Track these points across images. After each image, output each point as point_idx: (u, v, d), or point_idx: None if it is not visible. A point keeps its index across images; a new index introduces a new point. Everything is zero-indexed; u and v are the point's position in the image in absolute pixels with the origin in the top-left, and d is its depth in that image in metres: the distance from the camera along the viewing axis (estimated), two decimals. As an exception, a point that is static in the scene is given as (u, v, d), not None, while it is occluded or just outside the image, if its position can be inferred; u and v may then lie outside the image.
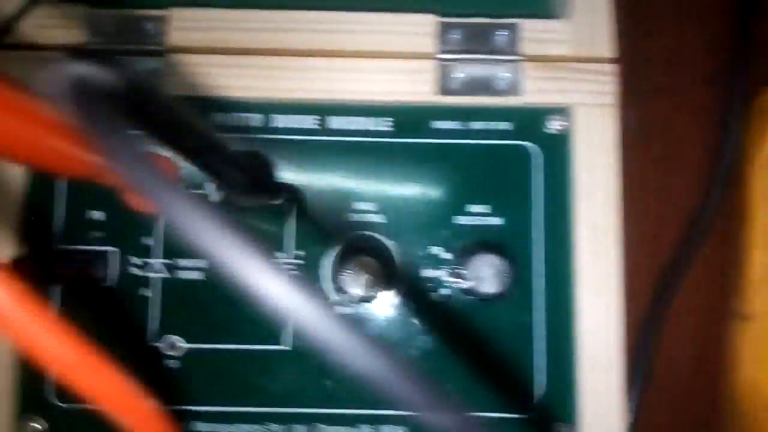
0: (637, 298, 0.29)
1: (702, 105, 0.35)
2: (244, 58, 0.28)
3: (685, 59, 0.35)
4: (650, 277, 0.34)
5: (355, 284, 0.24)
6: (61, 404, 0.27)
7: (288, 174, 0.28)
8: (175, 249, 0.28)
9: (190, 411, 0.27)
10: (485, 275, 0.25)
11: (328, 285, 0.28)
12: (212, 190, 0.28)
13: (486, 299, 0.25)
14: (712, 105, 0.35)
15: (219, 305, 0.28)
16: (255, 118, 0.28)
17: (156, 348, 0.28)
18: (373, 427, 0.27)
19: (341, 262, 0.25)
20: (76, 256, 0.27)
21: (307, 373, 0.28)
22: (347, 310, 0.28)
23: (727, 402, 0.33)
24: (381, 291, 0.26)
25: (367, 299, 0.25)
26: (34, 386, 0.27)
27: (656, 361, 0.34)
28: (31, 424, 0.27)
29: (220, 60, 0.28)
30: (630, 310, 0.27)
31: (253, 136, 0.28)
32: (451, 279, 0.27)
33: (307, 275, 0.28)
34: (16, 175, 0.28)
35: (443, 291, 0.28)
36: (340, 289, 0.26)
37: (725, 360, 0.33)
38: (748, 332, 0.31)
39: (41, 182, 0.28)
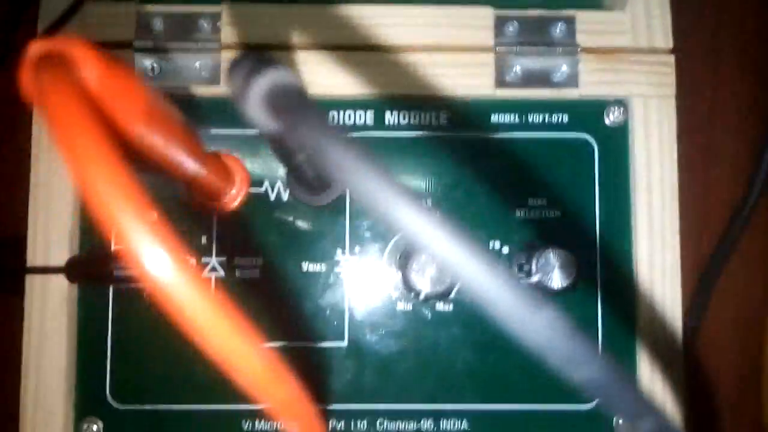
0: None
1: (745, 97, 0.35)
2: (299, 53, 0.28)
3: (728, 51, 0.35)
4: (693, 269, 0.34)
5: (422, 280, 0.24)
6: (116, 405, 0.27)
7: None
8: (229, 248, 0.28)
9: (252, 410, 0.27)
10: (552, 270, 0.25)
11: (388, 282, 0.28)
12: (271, 187, 0.28)
13: (554, 293, 0.25)
14: (756, 97, 0.35)
15: (274, 303, 0.28)
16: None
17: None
18: (434, 420, 0.27)
19: (405, 259, 0.25)
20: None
21: (366, 369, 0.27)
22: (411, 306, 0.28)
23: (765, 389, 0.33)
24: (445, 287, 0.26)
25: (433, 295, 0.25)
26: (91, 387, 0.27)
27: (699, 350, 0.34)
28: (88, 424, 0.27)
29: (275, 56, 0.27)
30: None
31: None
32: (516, 272, 0.27)
33: (367, 274, 0.28)
34: (68, 178, 0.27)
35: (504, 285, 0.28)
36: (404, 286, 0.26)
37: (765, 348, 0.34)
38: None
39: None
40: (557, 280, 0.25)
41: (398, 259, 0.26)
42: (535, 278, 0.25)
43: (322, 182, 0.23)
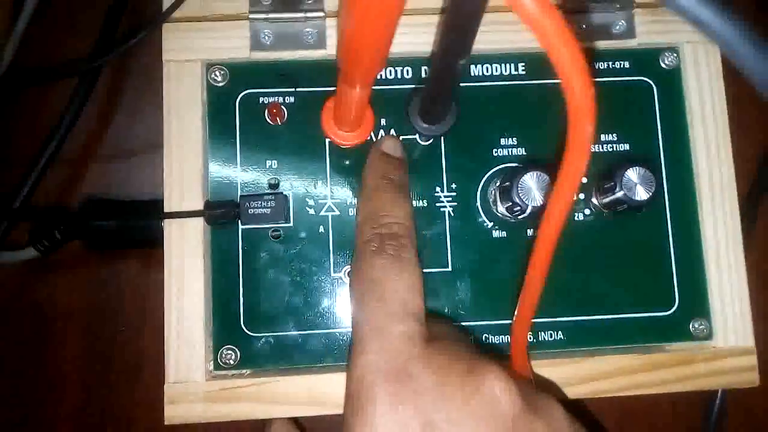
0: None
1: None
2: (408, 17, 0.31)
3: None
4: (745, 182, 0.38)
5: (528, 197, 0.28)
6: (251, 333, 0.30)
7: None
8: (342, 190, 0.31)
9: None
10: (635, 185, 0.29)
11: (483, 213, 0.31)
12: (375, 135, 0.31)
13: (636, 208, 0.29)
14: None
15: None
16: (406, 71, 0.32)
17: (339, 278, 0.31)
18: (533, 333, 0.31)
19: (509, 183, 0.29)
20: (261, 199, 0.30)
21: (470, 290, 0.31)
22: (505, 233, 0.31)
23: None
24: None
25: (529, 216, 0.29)
26: (227, 319, 0.30)
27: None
28: (227, 352, 0.30)
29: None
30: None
31: (406, 86, 0.32)
32: (599, 196, 0.30)
33: (464, 206, 0.31)
34: (198, 130, 0.31)
35: (586, 211, 0.31)
36: (507, 209, 0.30)
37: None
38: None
39: (220, 135, 0.31)
40: (641, 192, 0.28)
41: (497, 186, 0.30)
42: (620, 193, 0.29)
43: (447, 106, 0.26)
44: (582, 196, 0.32)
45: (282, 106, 0.31)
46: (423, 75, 0.32)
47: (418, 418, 0.22)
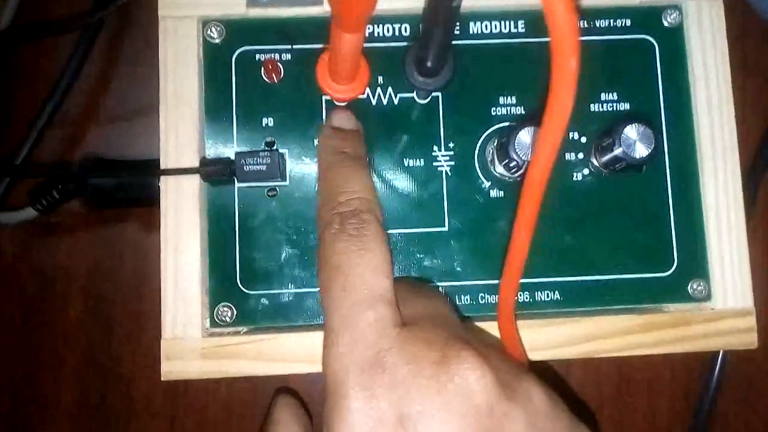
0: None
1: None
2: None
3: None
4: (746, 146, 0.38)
5: (525, 152, 0.27)
6: (246, 290, 0.30)
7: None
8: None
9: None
10: (634, 142, 0.28)
11: (481, 172, 0.31)
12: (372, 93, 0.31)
13: (635, 166, 0.29)
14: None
15: (381, 197, 0.31)
16: (404, 27, 0.32)
17: (333, 234, 0.30)
18: (530, 293, 0.31)
19: (502, 144, 0.29)
20: (258, 156, 0.30)
21: (466, 250, 0.31)
22: (502, 193, 0.31)
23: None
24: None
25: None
26: (223, 276, 0.30)
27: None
28: (223, 309, 0.30)
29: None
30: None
31: (402, 44, 0.31)
32: (598, 155, 0.30)
33: (462, 165, 0.31)
34: (194, 87, 0.31)
35: (585, 170, 0.31)
36: (494, 177, 0.29)
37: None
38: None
39: (216, 93, 0.31)
40: (640, 149, 0.28)
41: (495, 145, 0.30)
42: (618, 151, 0.28)
43: (442, 57, 0.26)
44: (581, 155, 0.31)
45: (278, 63, 0.31)
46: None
47: (393, 410, 0.21)
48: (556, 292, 0.31)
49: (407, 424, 0.21)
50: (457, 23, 0.32)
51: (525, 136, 0.28)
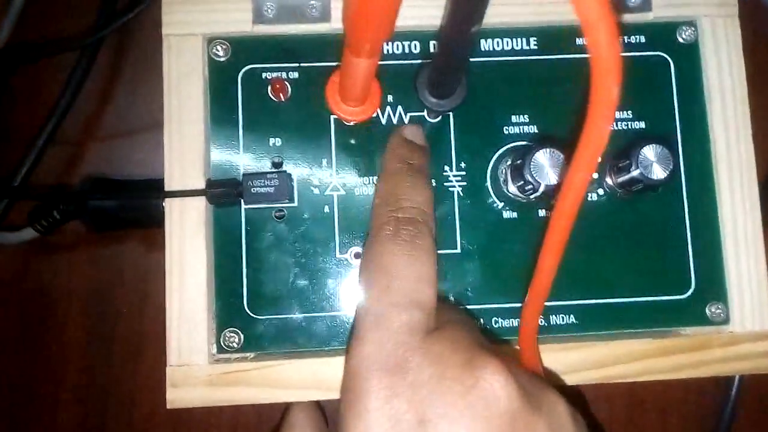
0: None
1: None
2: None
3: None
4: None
5: (541, 174, 0.27)
6: (254, 316, 0.29)
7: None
8: (348, 169, 0.30)
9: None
10: (651, 163, 0.27)
11: (493, 193, 0.30)
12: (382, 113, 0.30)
13: (652, 187, 0.28)
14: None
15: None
16: (414, 45, 0.31)
17: (344, 260, 0.30)
18: (544, 317, 0.30)
19: (521, 161, 0.28)
20: (264, 177, 0.29)
21: (479, 273, 0.30)
22: (515, 214, 0.30)
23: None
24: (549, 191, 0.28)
25: (541, 195, 0.28)
26: (229, 301, 0.29)
27: None
28: (230, 334, 0.29)
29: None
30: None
31: (413, 62, 0.31)
32: (614, 175, 0.29)
33: (474, 185, 0.30)
34: (199, 107, 0.30)
35: (599, 191, 0.30)
36: (519, 188, 0.29)
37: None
38: None
39: (221, 112, 0.30)
40: (658, 171, 0.27)
41: (509, 165, 0.29)
42: (635, 172, 0.28)
43: (457, 79, 0.25)
44: (595, 175, 0.31)
45: (286, 82, 0.30)
46: (432, 50, 0.31)
47: (412, 412, 0.21)
48: (572, 315, 0.30)
49: (428, 427, 0.21)
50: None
51: (541, 157, 0.27)
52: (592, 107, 0.15)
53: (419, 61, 0.30)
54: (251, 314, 0.29)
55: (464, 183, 0.30)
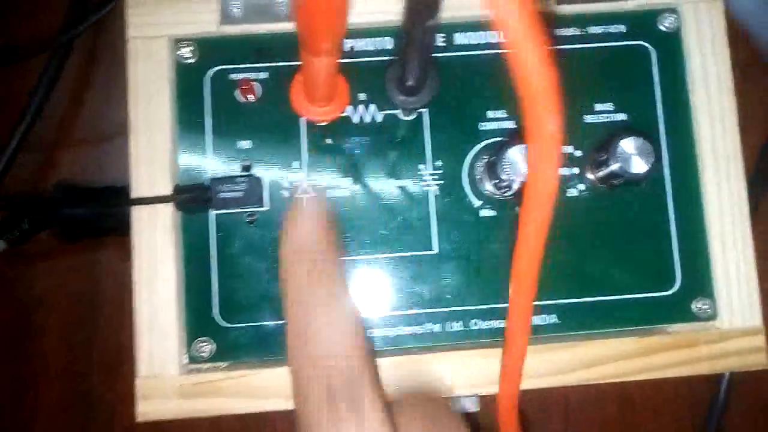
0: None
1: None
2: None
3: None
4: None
5: (514, 172, 0.26)
6: (226, 324, 0.28)
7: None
8: (320, 170, 0.29)
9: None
10: (630, 156, 0.26)
11: (470, 191, 0.29)
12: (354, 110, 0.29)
13: (633, 181, 0.27)
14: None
15: (365, 218, 0.29)
16: (386, 41, 0.30)
17: (316, 262, 0.29)
18: (526, 318, 0.29)
19: (495, 158, 0.27)
20: (233, 182, 0.28)
21: (457, 273, 0.29)
22: (494, 212, 0.29)
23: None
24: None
25: (517, 193, 0.27)
26: (200, 310, 0.28)
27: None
28: (201, 344, 0.28)
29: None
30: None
31: (384, 58, 0.30)
32: (594, 170, 0.28)
33: (450, 184, 0.29)
34: (165, 111, 0.29)
35: (581, 186, 0.29)
36: (494, 185, 0.28)
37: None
38: None
39: (189, 115, 0.29)
40: (638, 164, 0.26)
41: (484, 162, 0.28)
42: (614, 166, 0.27)
43: (423, 75, 0.24)
44: (576, 170, 0.30)
45: (254, 83, 0.29)
46: (403, 45, 0.30)
47: None
48: (554, 315, 0.29)
49: None
50: (443, 35, 0.30)
51: (515, 153, 0.26)
52: (530, 149, 0.13)
53: (390, 58, 0.29)
54: (223, 322, 0.29)
55: (441, 182, 0.29)
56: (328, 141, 0.29)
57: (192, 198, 0.28)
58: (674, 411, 0.36)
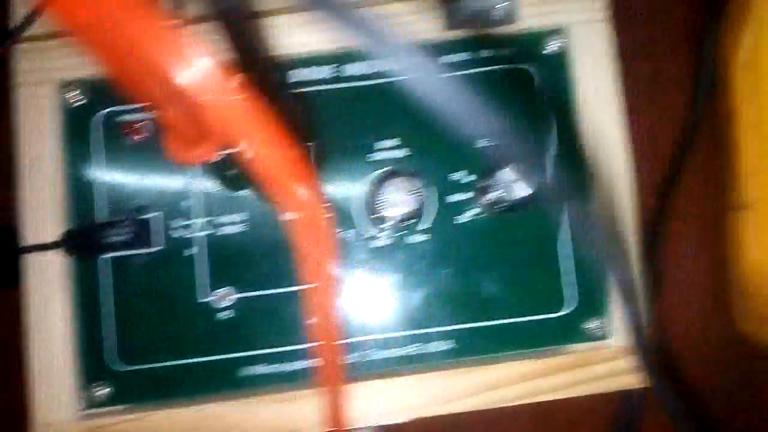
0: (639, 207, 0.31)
1: (683, 20, 0.38)
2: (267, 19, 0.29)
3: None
4: (650, 187, 0.37)
5: (396, 208, 0.26)
6: (122, 368, 0.29)
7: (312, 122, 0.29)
8: (215, 206, 0.29)
9: (249, 356, 0.29)
10: (512, 182, 0.27)
11: (361, 221, 0.29)
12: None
13: (518, 206, 0.27)
14: (693, 20, 0.37)
15: (261, 254, 0.29)
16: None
17: (207, 303, 0.29)
18: (422, 345, 0.29)
19: (375, 193, 0.27)
20: (121, 225, 0.28)
21: (352, 304, 0.29)
22: (388, 241, 0.29)
23: (735, 288, 0.36)
24: (416, 216, 0.28)
25: (405, 222, 0.27)
26: (95, 352, 0.29)
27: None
28: (98, 389, 0.28)
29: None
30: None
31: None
32: (481, 196, 0.29)
33: (339, 213, 0.29)
34: (54, 155, 0.29)
35: (474, 210, 0.30)
36: (376, 221, 0.28)
37: (729, 249, 0.36)
38: (748, 220, 0.34)
39: (78, 158, 0.29)
40: (520, 189, 0.27)
41: (370, 193, 0.28)
42: (497, 192, 0.27)
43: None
44: (469, 194, 0.30)
45: (143, 123, 0.29)
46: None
47: None
48: (451, 340, 0.29)
49: None
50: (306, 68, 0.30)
51: (390, 190, 0.26)
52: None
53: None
54: (119, 365, 0.29)
55: (331, 215, 0.30)
56: (215, 179, 0.29)
57: (80, 244, 0.28)
58: (592, 424, 0.37)
